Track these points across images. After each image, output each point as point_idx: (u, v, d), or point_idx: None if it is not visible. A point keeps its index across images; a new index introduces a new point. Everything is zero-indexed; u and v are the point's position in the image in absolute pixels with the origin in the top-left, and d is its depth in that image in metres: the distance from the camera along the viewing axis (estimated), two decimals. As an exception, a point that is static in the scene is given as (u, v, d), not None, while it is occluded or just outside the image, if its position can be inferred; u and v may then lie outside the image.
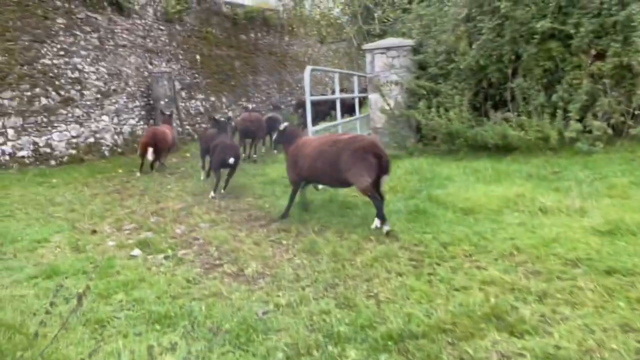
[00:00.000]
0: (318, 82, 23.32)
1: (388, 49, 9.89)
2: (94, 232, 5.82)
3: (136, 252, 4.94)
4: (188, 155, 12.50)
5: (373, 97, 10.07)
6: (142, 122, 12.60)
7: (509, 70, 8.60)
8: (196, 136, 14.34)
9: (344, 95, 9.28)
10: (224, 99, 16.03)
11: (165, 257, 4.77)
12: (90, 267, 4.39)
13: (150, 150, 9.08)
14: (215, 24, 15.74)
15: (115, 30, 11.98)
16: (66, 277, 4.19)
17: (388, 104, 9.66)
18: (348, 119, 8.41)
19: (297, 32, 21.45)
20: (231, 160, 6.98)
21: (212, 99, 15.47)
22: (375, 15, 11.02)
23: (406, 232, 4.94)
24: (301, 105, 12.86)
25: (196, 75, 14.80)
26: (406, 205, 5.86)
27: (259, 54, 18.40)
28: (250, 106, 16.18)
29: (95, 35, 11.38)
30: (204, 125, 14.82)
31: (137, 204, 7.16)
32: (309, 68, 6.19)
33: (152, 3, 13.22)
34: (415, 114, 9.06)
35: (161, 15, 13.51)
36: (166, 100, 12.49)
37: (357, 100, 9.47)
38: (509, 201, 5.58)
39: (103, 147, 11.30)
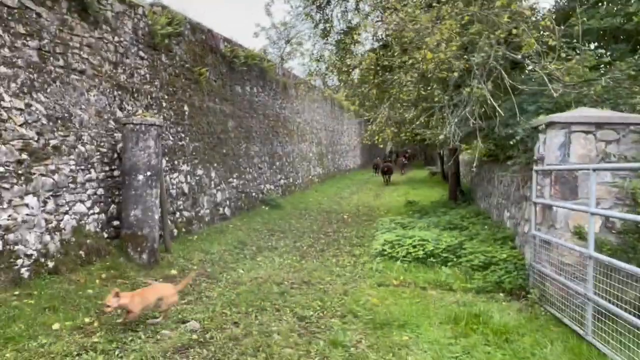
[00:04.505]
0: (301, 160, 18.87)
1: (599, 125, 5.60)
2: None
3: None
4: (174, 273, 6.98)
5: (560, 207, 5.60)
6: (96, 210, 6.96)
7: None
8: (175, 232, 8.81)
9: (614, 214, 4.73)
10: (213, 174, 10.72)
11: None
12: None
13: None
14: (210, 65, 10.75)
15: (71, 43, 6.63)
16: None
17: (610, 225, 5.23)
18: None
19: (289, 92, 17.02)
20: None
21: (200, 172, 10.10)
22: (535, 66, 6.61)
23: None
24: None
25: (182, 136, 9.50)
26: None
27: (254, 114, 13.49)
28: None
29: (34, 43, 5.98)
30: (185, 214, 9.34)
31: None
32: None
33: (132, 15, 8.09)
34: None
35: (144, 36, 8.34)
36: (148, 174, 7.07)
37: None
38: None
39: (19, 262, 5.53)
